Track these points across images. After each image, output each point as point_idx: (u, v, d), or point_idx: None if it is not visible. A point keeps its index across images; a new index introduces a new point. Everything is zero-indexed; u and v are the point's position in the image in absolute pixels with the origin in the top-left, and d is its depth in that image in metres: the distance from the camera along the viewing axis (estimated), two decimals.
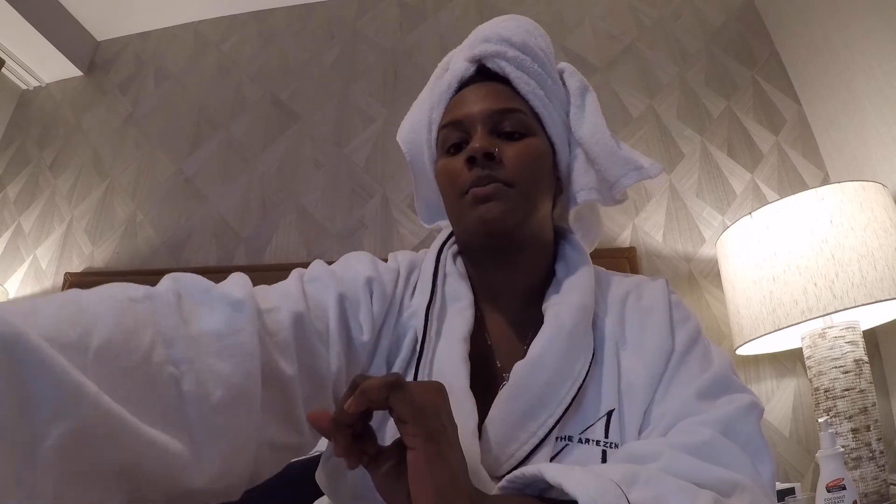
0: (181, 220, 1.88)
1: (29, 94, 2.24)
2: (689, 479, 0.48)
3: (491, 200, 0.63)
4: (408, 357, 0.63)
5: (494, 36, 0.72)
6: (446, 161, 0.69)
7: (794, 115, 1.68)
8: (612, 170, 0.72)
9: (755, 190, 1.61)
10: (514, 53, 0.70)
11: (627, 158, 0.72)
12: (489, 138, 0.66)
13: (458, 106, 0.70)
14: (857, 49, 1.42)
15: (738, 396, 0.58)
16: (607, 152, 0.71)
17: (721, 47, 1.82)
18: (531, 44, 0.72)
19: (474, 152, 0.64)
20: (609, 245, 1.60)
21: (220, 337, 0.47)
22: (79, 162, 2.06)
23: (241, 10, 2.20)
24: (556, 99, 0.73)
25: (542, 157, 0.69)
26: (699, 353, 0.63)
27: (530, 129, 0.68)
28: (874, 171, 1.38)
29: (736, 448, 0.53)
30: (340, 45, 2.05)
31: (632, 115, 1.76)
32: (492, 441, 0.56)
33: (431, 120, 0.74)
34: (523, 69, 0.70)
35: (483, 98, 0.68)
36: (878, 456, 1.09)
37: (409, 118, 0.80)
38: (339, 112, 1.92)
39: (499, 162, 0.64)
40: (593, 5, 1.94)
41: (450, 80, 0.73)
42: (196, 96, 2.08)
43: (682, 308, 0.69)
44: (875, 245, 1.12)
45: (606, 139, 0.72)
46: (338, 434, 0.43)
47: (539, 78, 0.71)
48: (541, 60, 0.72)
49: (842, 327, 1.16)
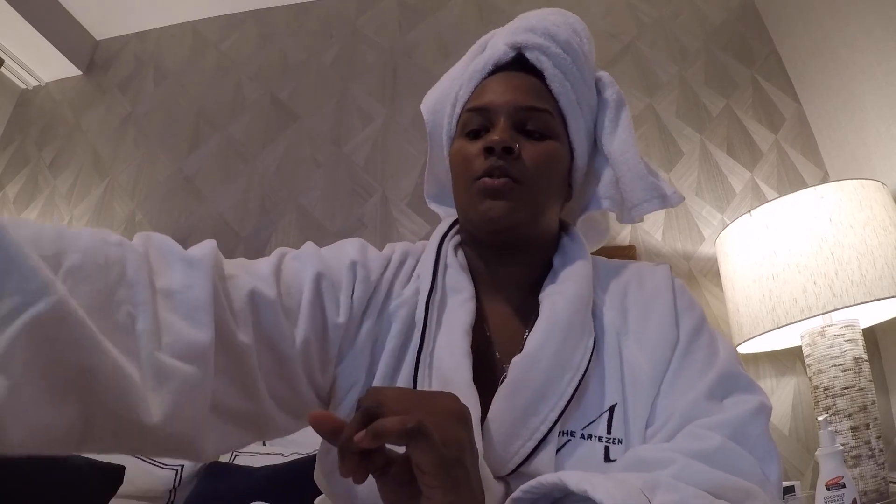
0: (181, 220, 1.88)
1: (28, 94, 2.24)
2: (703, 488, 0.47)
3: (499, 197, 0.62)
4: (398, 347, 0.62)
5: (540, 27, 0.70)
6: (463, 144, 0.68)
7: (794, 113, 1.68)
8: (635, 192, 0.71)
9: (754, 188, 1.61)
10: (556, 50, 0.69)
11: (653, 184, 0.71)
12: (510, 132, 0.65)
13: (486, 91, 0.69)
14: (856, 48, 1.42)
15: (746, 398, 0.57)
16: (634, 174, 0.70)
17: (720, 46, 1.82)
18: (574, 44, 0.71)
19: (494, 144, 0.63)
20: (609, 243, 1.59)
21: (174, 292, 0.49)
22: (78, 161, 2.06)
23: (239, 9, 2.20)
24: (587, 105, 0.72)
25: (559, 161, 0.68)
26: (705, 343, 0.62)
27: (553, 132, 0.67)
28: (873, 169, 1.38)
29: (745, 454, 0.52)
30: (340, 44, 2.05)
31: (631, 114, 1.76)
32: (494, 440, 0.55)
33: (458, 97, 0.72)
34: (561, 68, 0.69)
35: (513, 89, 0.67)
36: (877, 454, 1.09)
37: (436, 89, 0.78)
38: (338, 111, 1.92)
39: (516, 158, 0.63)
40: (593, 4, 1.94)
41: (486, 61, 0.71)
42: (195, 95, 2.08)
43: (685, 295, 0.68)
44: (874, 243, 1.12)
45: (636, 160, 0.71)
46: (344, 458, 0.41)
47: (575, 80, 0.70)
48: (580, 63, 0.71)
49: (841, 325, 1.16)
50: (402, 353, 0.62)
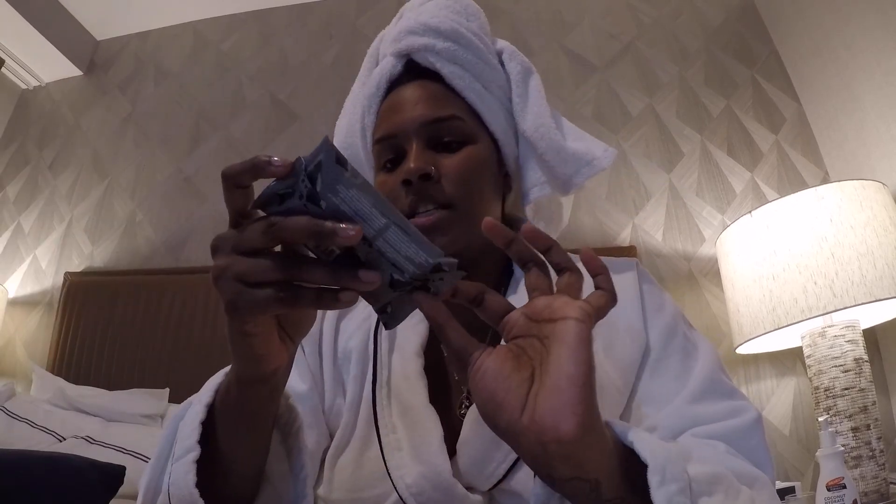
0: (181, 220, 1.88)
1: (28, 94, 2.24)
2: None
3: (435, 233, 0.58)
4: (358, 376, 0.60)
5: (420, 26, 0.65)
6: (384, 179, 0.63)
7: (794, 113, 1.68)
8: (560, 168, 0.66)
9: (755, 189, 1.61)
10: (444, 45, 0.63)
11: (575, 153, 0.66)
12: (424, 154, 0.60)
13: (389, 115, 0.64)
14: (856, 48, 1.42)
15: (736, 406, 0.55)
16: (553, 149, 0.65)
17: (720, 46, 1.82)
18: (462, 29, 0.65)
19: (409, 175, 0.58)
20: (609, 244, 1.60)
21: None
22: (78, 161, 2.06)
23: (240, 9, 2.20)
24: (496, 86, 0.67)
25: (483, 165, 0.63)
26: (679, 349, 0.59)
27: (469, 136, 0.62)
28: (874, 169, 1.38)
29: (744, 459, 0.51)
30: (340, 45, 2.05)
31: (631, 115, 1.76)
32: (468, 462, 0.54)
33: (364, 126, 0.68)
34: (455, 61, 0.64)
35: (414, 105, 0.62)
36: (878, 455, 1.09)
37: (343, 118, 0.74)
38: (338, 111, 1.89)
39: (437, 181, 0.59)
40: (593, 4, 1.94)
41: (378, 81, 0.66)
42: (195, 96, 2.08)
43: (654, 294, 0.64)
44: (875, 244, 1.12)
45: (551, 133, 0.65)
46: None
47: (475, 69, 0.64)
48: (475, 48, 0.65)
49: (842, 326, 1.16)
50: (363, 381, 0.61)
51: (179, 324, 1.67)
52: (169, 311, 1.69)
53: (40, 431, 1.29)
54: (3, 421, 1.30)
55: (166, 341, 1.65)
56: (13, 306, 1.87)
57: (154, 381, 1.58)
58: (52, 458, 0.90)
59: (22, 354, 1.81)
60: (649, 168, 1.68)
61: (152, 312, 1.69)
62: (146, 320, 1.69)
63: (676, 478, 0.38)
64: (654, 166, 1.68)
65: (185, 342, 1.64)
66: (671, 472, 0.38)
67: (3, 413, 1.33)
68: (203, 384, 0.50)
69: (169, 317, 1.68)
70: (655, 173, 1.67)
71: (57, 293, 1.82)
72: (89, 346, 1.70)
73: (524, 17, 1.90)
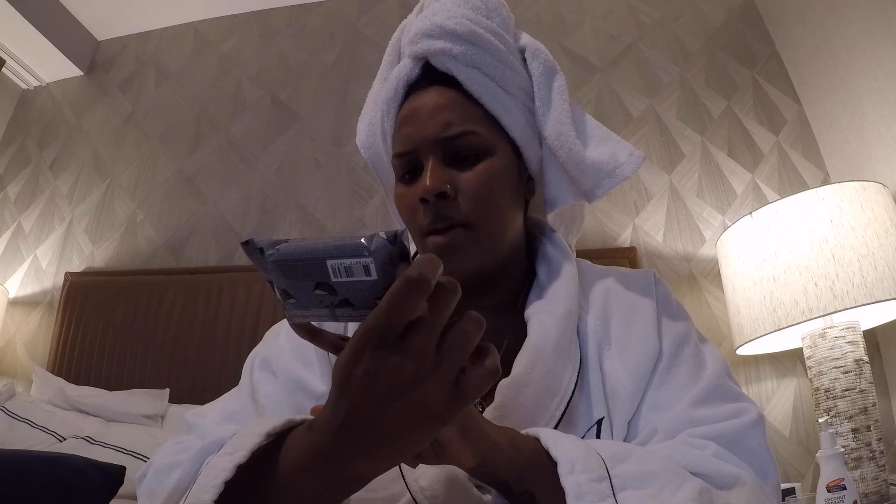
0: (181, 220, 1.88)
1: (29, 94, 2.25)
2: (686, 467, 0.47)
3: (453, 252, 0.58)
4: None
5: (436, 29, 0.63)
6: (403, 191, 0.63)
7: (795, 115, 1.68)
8: (581, 179, 0.65)
9: (755, 190, 1.61)
10: (461, 49, 0.62)
11: (595, 164, 0.64)
12: (440, 171, 0.59)
13: (404, 126, 0.63)
14: (857, 49, 1.42)
15: (739, 407, 0.55)
16: (573, 160, 0.64)
17: (721, 47, 1.82)
18: (480, 30, 0.63)
19: (426, 193, 0.57)
20: (609, 245, 1.60)
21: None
22: (79, 162, 2.06)
23: (240, 9, 2.20)
24: (517, 88, 0.65)
25: (501, 178, 0.62)
26: (689, 357, 0.60)
27: (486, 149, 0.61)
28: (874, 171, 1.38)
29: (739, 461, 0.51)
30: (341, 45, 2.05)
31: (632, 116, 1.76)
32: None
33: (385, 130, 0.68)
34: (474, 65, 0.62)
35: (430, 116, 0.61)
36: (878, 456, 1.09)
37: (365, 119, 0.73)
38: (339, 112, 1.92)
39: (454, 198, 0.58)
40: (594, 5, 1.94)
41: (396, 86, 0.65)
42: (196, 96, 2.08)
43: (670, 304, 0.65)
44: (875, 245, 1.12)
45: (570, 142, 0.64)
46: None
47: (494, 72, 0.63)
48: (494, 49, 0.63)
49: (842, 327, 1.16)
50: None
51: (179, 324, 1.67)
52: (169, 311, 1.69)
53: (40, 431, 1.29)
54: (4, 421, 1.30)
55: (166, 341, 1.65)
56: (13, 306, 1.87)
57: (154, 381, 1.58)
58: (53, 458, 0.90)
59: (22, 354, 1.81)
60: (650, 169, 1.68)
61: (153, 313, 1.69)
62: (146, 320, 1.69)
63: (588, 469, 0.43)
64: (654, 167, 1.68)
65: (185, 342, 1.64)
66: (582, 465, 0.43)
67: (3, 413, 1.33)
68: (203, 384, 0.50)
69: (169, 317, 1.68)
70: (656, 174, 1.67)
71: (57, 293, 1.82)
72: (90, 346, 1.70)
73: (525, 18, 1.90)
